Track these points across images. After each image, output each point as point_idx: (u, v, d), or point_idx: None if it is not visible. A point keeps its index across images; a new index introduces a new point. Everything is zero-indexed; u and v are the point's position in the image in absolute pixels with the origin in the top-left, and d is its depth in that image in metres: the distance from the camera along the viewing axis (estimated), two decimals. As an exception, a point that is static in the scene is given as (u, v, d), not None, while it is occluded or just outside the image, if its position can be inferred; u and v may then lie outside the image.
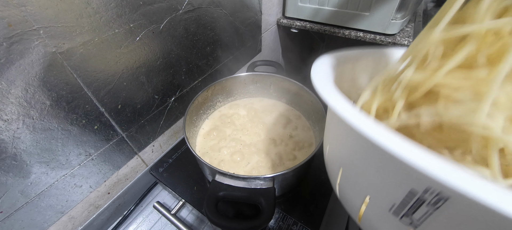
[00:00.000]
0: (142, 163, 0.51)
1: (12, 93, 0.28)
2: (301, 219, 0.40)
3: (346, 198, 0.24)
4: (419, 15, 0.84)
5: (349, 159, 0.22)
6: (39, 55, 0.29)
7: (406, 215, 0.17)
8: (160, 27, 0.42)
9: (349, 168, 0.22)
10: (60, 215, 0.39)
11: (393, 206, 0.17)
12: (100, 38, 0.34)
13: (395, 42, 0.66)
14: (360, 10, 0.66)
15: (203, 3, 0.49)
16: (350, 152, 0.21)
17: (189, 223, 0.46)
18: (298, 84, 0.51)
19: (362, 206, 0.21)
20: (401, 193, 0.16)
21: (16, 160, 0.31)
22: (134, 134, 0.45)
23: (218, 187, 0.33)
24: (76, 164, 0.38)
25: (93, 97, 0.36)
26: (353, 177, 0.22)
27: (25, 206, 0.34)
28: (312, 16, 0.76)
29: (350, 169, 0.22)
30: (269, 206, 0.31)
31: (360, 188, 0.21)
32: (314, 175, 0.47)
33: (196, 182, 0.47)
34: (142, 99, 0.44)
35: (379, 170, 0.17)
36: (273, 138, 0.50)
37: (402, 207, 0.16)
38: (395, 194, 0.16)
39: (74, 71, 0.32)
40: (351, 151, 0.21)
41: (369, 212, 0.21)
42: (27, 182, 0.33)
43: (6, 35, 0.25)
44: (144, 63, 0.42)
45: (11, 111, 0.28)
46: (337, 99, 0.18)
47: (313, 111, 0.50)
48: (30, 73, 0.29)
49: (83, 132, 0.37)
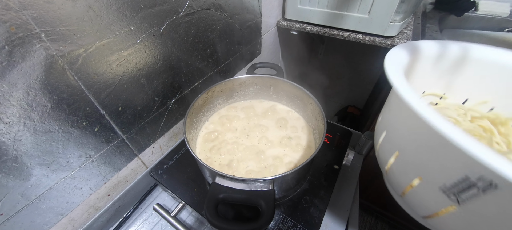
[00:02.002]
0: (142, 164, 0.51)
1: (14, 96, 0.28)
2: (301, 221, 0.40)
3: (396, 178, 0.28)
4: (418, 17, 0.85)
5: (409, 144, 0.25)
6: (41, 58, 0.29)
7: (454, 194, 0.20)
8: (161, 30, 0.42)
9: (406, 153, 0.26)
10: (60, 217, 0.39)
11: (443, 186, 0.20)
12: (101, 41, 0.34)
13: (394, 44, 0.66)
14: (359, 13, 0.67)
15: (204, 6, 0.49)
16: (411, 140, 0.25)
17: (189, 225, 0.46)
18: (298, 86, 0.51)
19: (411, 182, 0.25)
20: (456, 177, 0.19)
21: (17, 162, 0.31)
22: (134, 136, 0.46)
23: (218, 189, 0.33)
24: (77, 166, 0.38)
25: (93, 99, 0.36)
26: (409, 160, 0.25)
27: (25, 208, 0.34)
28: (312, 18, 0.76)
29: (407, 153, 0.26)
30: (269, 208, 0.31)
31: (414, 169, 0.24)
32: (314, 177, 0.47)
33: (196, 184, 0.47)
34: (143, 102, 0.44)
35: (439, 157, 0.21)
36: (273, 140, 0.50)
37: (452, 187, 0.20)
38: (449, 177, 0.19)
39: (75, 74, 0.33)
40: (413, 140, 0.24)
41: (417, 189, 0.24)
42: (27, 184, 0.33)
43: (8, 39, 0.26)
44: (144, 65, 0.42)
45: (12, 114, 0.28)
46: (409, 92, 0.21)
47: (312, 114, 0.50)
48: (32, 76, 0.29)
49: (83, 134, 0.37)
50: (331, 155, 0.51)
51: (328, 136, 0.56)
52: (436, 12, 0.92)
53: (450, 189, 0.20)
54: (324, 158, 0.51)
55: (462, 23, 0.90)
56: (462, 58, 0.33)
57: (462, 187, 0.19)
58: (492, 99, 0.33)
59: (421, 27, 0.77)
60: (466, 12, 0.89)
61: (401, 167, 0.27)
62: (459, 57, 0.33)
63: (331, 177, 0.47)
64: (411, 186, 0.25)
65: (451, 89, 0.36)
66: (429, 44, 0.33)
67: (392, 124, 0.29)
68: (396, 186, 0.29)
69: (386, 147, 0.30)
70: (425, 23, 0.83)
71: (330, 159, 0.51)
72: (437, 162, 0.21)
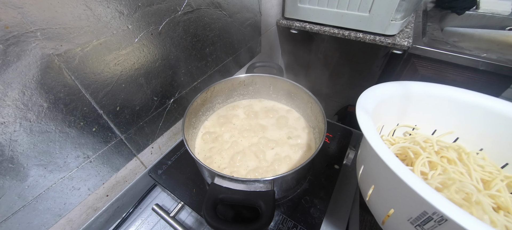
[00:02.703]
0: (141, 165, 0.51)
1: (9, 95, 0.27)
2: (301, 222, 0.40)
3: (375, 207, 0.33)
4: (419, 16, 0.84)
5: (381, 182, 0.30)
6: (36, 57, 0.28)
7: (419, 225, 0.24)
8: (159, 29, 0.41)
9: (380, 188, 0.31)
10: (58, 218, 0.39)
11: (410, 218, 0.25)
12: (98, 40, 0.34)
13: (395, 43, 0.66)
14: (360, 11, 0.66)
15: (202, 4, 0.48)
16: (383, 179, 0.30)
17: (188, 226, 0.45)
18: (298, 85, 0.51)
19: (386, 215, 0.30)
20: (417, 212, 0.24)
21: (13, 163, 0.30)
22: (132, 136, 0.45)
23: (217, 190, 0.33)
24: (74, 167, 0.37)
25: (91, 99, 0.36)
26: (382, 195, 0.30)
27: (22, 209, 0.33)
28: (312, 17, 0.76)
29: (380, 188, 0.31)
30: (268, 209, 0.31)
31: (387, 202, 0.29)
32: (314, 177, 0.47)
33: (195, 184, 0.46)
34: (141, 101, 0.44)
35: (404, 196, 0.26)
36: (273, 140, 0.50)
37: (417, 220, 0.24)
38: (413, 211, 0.25)
39: (72, 73, 0.32)
40: (384, 179, 0.29)
41: (392, 220, 0.29)
42: (24, 185, 0.32)
43: (2, 37, 0.25)
44: (142, 64, 0.41)
45: (8, 114, 0.28)
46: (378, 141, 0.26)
47: (312, 113, 0.50)
48: (27, 75, 0.28)
49: (81, 134, 0.36)
50: (331, 155, 0.51)
51: (329, 135, 0.55)
52: (437, 11, 0.92)
53: (416, 221, 0.25)
54: (324, 157, 0.50)
55: (463, 21, 0.90)
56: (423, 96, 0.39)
57: (423, 220, 0.23)
58: (456, 130, 0.39)
59: (422, 26, 0.77)
60: (467, 11, 0.89)
61: (377, 198, 0.32)
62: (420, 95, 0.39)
63: (332, 177, 0.47)
64: (388, 215, 0.29)
65: (421, 121, 0.42)
66: (393, 85, 0.39)
67: (367, 160, 0.33)
68: (376, 214, 0.33)
69: (364, 179, 0.35)
70: (426, 21, 0.82)
71: (330, 158, 0.50)
72: (403, 199, 0.26)
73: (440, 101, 0.39)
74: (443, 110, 0.39)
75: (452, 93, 0.38)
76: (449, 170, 0.33)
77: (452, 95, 0.38)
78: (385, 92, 0.37)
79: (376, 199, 0.32)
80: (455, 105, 0.38)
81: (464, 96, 0.38)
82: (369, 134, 0.28)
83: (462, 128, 0.39)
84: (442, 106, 0.39)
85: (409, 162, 0.36)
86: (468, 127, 0.38)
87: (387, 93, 0.38)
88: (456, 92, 0.38)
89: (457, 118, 0.39)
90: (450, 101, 0.38)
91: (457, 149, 0.37)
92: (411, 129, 0.42)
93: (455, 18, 0.90)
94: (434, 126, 0.41)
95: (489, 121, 0.36)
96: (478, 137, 0.38)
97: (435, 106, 0.39)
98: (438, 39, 0.70)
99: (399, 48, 0.66)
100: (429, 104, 0.40)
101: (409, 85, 0.39)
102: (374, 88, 0.37)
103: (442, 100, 0.39)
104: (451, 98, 0.38)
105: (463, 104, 0.38)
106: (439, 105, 0.39)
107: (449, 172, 0.33)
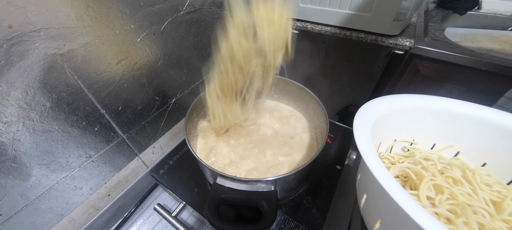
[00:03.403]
0: (142, 164, 0.51)
1: (12, 95, 0.28)
2: (303, 222, 0.40)
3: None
4: (420, 16, 0.84)
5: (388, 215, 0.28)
6: (39, 57, 0.28)
7: None
8: (161, 28, 0.41)
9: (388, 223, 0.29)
10: (60, 218, 0.39)
11: None
12: (101, 39, 0.34)
13: (397, 43, 0.66)
14: (362, 11, 0.66)
15: (205, 4, 0.48)
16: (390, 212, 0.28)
17: (190, 226, 0.45)
18: (300, 85, 0.51)
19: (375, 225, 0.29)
20: None
21: (16, 162, 0.30)
22: (134, 136, 0.45)
23: (220, 190, 0.33)
24: (76, 166, 0.37)
25: (93, 99, 0.36)
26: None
27: (25, 209, 0.33)
28: (313, 17, 0.76)
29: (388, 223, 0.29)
30: (271, 209, 0.31)
31: None
32: (316, 177, 0.47)
33: (197, 184, 0.46)
34: (143, 101, 0.44)
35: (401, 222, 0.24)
36: (275, 140, 0.50)
37: None
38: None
39: (74, 73, 0.32)
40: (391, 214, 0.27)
41: None
42: (27, 185, 0.32)
43: (6, 37, 0.25)
44: (145, 64, 0.41)
45: (11, 113, 0.28)
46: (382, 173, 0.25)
47: (314, 113, 0.50)
48: (30, 75, 0.28)
49: (83, 134, 0.36)
50: (333, 155, 0.51)
51: (330, 135, 0.55)
52: (439, 11, 0.91)
53: None
54: (326, 158, 0.50)
55: (465, 21, 0.90)
56: (420, 109, 0.38)
57: None
58: (457, 144, 0.38)
59: (424, 26, 0.77)
60: (469, 11, 0.88)
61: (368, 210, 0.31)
62: (417, 108, 0.38)
63: (333, 177, 0.47)
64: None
65: (419, 135, 0.40)
66: (388, 99, 0.37)
67: (371, 189, 0.31)
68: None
69: (369, 211, 0.32)
70: (427, 21, 0.82)
71: (332, 159, 0.50)
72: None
73: (438, 114, 0.38)
74: (442, 123, 0.38)
75: (450, 106, 0.37)
76: (457, 193, 0.31)
77: (450, 108, 0.37)
78: (381, 109, 0.36)
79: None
80: (454, 118, 0.37)
81: (462, 109, 0.37)
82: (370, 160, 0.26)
83: (463, 142, 0.37)
84: (441, 119, 0.38)
85: (412, 182, 0.34)
86: (468, 140, 0.37)
87: (382, 109, 0.36)
88: (454, 104, 0.37)
89: (456, 131, 0.37)
90: (448, 114, 0.37)
91: (461, 166, 0.35)
92: (409, 144, 0.41)
93: (457, 19, 0.90)
94: (433, 140, 0.40)
95: (490, 133, 0.35)
96: (479, 150, 0.36)
97: (433, 119, 0.38)
98: (440, 39, 0.70)
99: (401, 48, 0.66)
100: (427, 118, 0.38)
101: (406, 98, 0.38)
102: (369, 104, 0.36)
103: (440, 113, 0.37)
104: (449, 111, 0.37)
105: (462, 116, 0.37)
106: (437, 118, 0.38)
107: (457, 196, 0.31)
